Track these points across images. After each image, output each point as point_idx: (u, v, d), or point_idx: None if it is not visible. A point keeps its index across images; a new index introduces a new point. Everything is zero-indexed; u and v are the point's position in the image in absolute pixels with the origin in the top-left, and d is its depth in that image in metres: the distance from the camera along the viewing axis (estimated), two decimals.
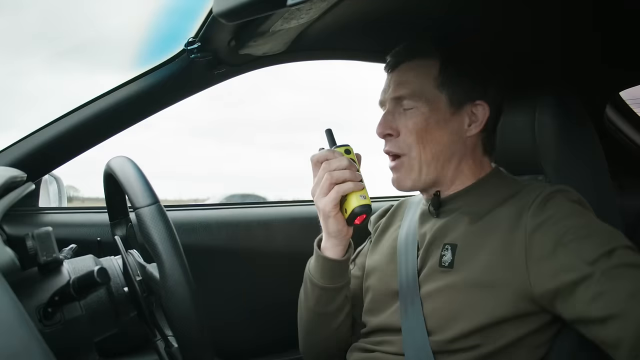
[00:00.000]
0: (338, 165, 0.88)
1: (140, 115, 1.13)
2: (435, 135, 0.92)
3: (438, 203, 0.96)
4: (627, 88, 1.44)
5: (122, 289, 0.81)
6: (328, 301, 0.99)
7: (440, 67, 0.92)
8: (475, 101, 0.93)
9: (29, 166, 1.07)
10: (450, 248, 0.90)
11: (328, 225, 0.92)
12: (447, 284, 0.88)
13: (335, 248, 0.95)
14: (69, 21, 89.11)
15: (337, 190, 0.87)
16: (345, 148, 0.92)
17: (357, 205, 0.87)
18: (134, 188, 0.71)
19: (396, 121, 0.94)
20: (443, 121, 0.92)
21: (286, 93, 72.51)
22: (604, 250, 0.76)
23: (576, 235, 0.79)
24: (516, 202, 0.88)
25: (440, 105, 0.92)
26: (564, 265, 0.78)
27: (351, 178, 0.87)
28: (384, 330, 0.96)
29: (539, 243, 0.81)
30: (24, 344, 0.46)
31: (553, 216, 0.82)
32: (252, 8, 0.63)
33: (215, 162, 39.99)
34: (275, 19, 0.87)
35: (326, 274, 0.97)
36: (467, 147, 0.95)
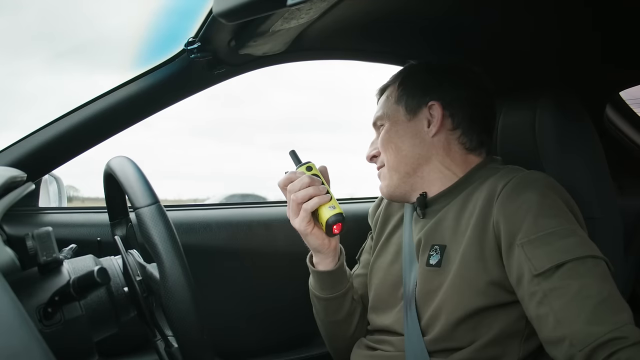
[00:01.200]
0: (301, 185, 0.92)
1: (140, 115, 1.13)
2: (397, 143, 0.99)
3: (424, 204, 0.99)
4: (627, 88, 1.44)
5: (122, 289, 0.81)
6: (337, 309, 1.04)
7: (398, 85, 1.02)
8: (428, 103, 0.98)
9: (29, 166, 1.07)
10: (438, 248, 0.92)
11: (309, 242, 0.97)
12: (438, 285, 0.90)
13: (324, 261, 1.00)
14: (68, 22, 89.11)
15: (305, 208, 0.92)
16: (307, 165, 0.97)
17: (329, 216, 0.91)
18: (134, 188, 0.71)
19: (375, 143, 1.05)
20: (402, 129, 0.99)
21: (285, 93, 72.67)
22: (554, 264, 0.76)
23: (533, 239, 0.79)
24: (489, 185, 0.89)
25: (399, 116, 1.00)
26: (517, 269, 0.80)
27: (315, 193, 0.92)
28: (387, 331, 0.99)
29: (503, 233, 0.82)
30: (24, 344, 0.46)
31: (517, 209, 0.82)
32: (252, 8, 0.63)
33: (215, 162, 40.06)
34: (275, 19, 0.87)
35: (325, 286, 1.02)
36: (435, 147, 0.98)
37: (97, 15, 46.07)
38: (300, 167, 0.97)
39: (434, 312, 0.89)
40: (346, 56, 1.29)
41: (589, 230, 0.86)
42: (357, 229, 1.28)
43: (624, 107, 1.54)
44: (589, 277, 0.75)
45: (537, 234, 0.79)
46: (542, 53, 1.21)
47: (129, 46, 1.81)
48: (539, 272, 0.76)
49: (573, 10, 1.02)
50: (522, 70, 1.26)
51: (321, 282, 1.02)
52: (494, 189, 0.87)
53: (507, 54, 1.19)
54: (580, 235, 0.80)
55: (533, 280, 0.76)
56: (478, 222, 0.86)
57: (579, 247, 0.77)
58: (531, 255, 0.78)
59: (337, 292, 1.02)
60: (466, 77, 1.00)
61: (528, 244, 0.79)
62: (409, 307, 0.93)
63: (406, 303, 0.94)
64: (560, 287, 0.74)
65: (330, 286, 1.01)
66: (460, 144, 0.98)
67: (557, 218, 0.81)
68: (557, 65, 1.26)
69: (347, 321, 1.05)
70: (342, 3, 0.89)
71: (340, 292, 1.02)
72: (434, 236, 0.94)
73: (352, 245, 1.16)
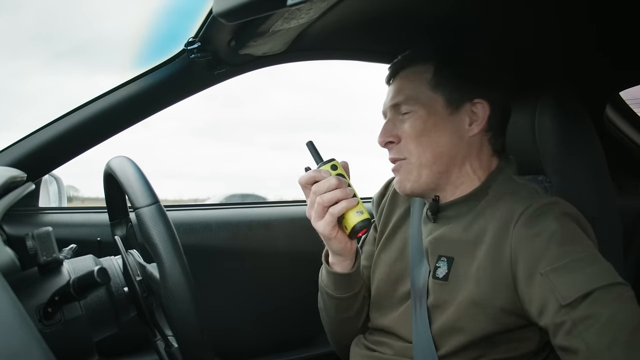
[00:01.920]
0: (328, 187, 0.85)
1: (140, 115, 1.13)
2: (434, 137, 0.90)
3: (436, 208, 0.94)
4: (627, 88, 1.44)
5: (122, 289, 0.81)
6: (348, 307, 1.00)
7: (434, 70, 0.92)
8: (473, 100, 0.92)
9: (29, 166, 1.07)
10: (446, 260, 0.89)
11: (331, 245, 0.92)
12: (445, 298, 0.88)
13: (343, 263, 0.95)
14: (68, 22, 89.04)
15: (332, 212, 0.86)
16: (332, 164, 0.89)
17: (357, 222, 0.86)
18: (134, 188, 0.71)
19: (396, 128, 0.93)
20: (441, 122, 0.91)
21: (284, 93, 72.58)
22: (581, 294, 0.73)
23: (555, 267, 0.76)
24: (505, 208, 0.86)
25: (437, 106, 0.91)
26: (540, 299, 0.76)
27: (343, 197, 0.85)
28: (389, 332, 0.97)
29: (522, 262, 0.80)
30: (24, 344, 0.46)
31: (537, 237, 0.80)
32: (252, 8, 0.63)
33: (215, 162, 40.00)
34: (275, 19, 0.86)
35: (339, 286, 0.97)
36: (471, 148, 0.93)
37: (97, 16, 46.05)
38: (323, 165, 0.89)
39: (445, 327, 0.86)
40: (346, 56, 1.29)
41: None
42: None
43: (624, 107, 1.54)
44: (618, 305, 0.72)
45: (561, 262, 0.76)
46: (542, 53, 1.21)
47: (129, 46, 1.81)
48: (566, 303, 0.73)
49: (574, 10, 1.02)
50: (522, 70, 1.26)
51: (336, 283, 0.97)
52: (511, 212, 0.84)
53: (507, 53, 1.19)
54: (603, 263, 0.77)
55: (560, 310, 0.73)
56: (493, 245, 0.83)
57: (605, 275, 0.75)
58: (557, 284, 0.74)
59: (351, 291, 0.98)
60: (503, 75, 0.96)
61: (552, 272, 0.76)
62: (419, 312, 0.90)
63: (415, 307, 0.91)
64: (590, 316, 0.71)
65: (345, 286, 0.97)
66: (490, 145, 0.94)
67: (580, 246, 0.79)
68: (557, 65, 1.26)
69: (357, 317, 1.02)
70: (342, 3, 0.89)
71: (354, 291, 0.98)
72: (441, 246, 0.91)
73: None
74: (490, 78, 0.94)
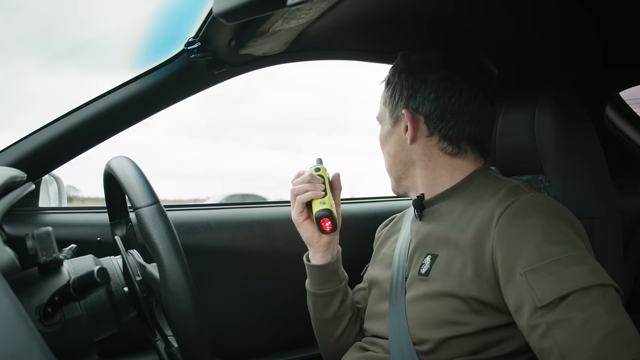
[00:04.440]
0: (301, 180, 1.02)
1: (141, 115, 1.13)
2: (386, 147, 1.03)
3: (421, 206, 0.97)
4: (627, 88, 1.44)
5: (122, 289, 0.81)
6: (324, 307, 1.07)
7: (385, 86, 1.03)
8: (401, 111, 0.97)
9: (29, 166, 1.07)
10: (430, 257, 0.90)
11: (301, 233, 1.05)
12: (424, 293, 0.88)
13: (315, 255, 1.05)
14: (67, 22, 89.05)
15: (298, 199, 1.01)
16: (316, 167, 1.05)
17: (317, 210, 0.98)
18: (134, 188, 0.71)
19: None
20: (389, 134, 1.01)
21: (282, 93, 72.52)
22: (558, 295, 0.72)
23: (536, 267, 0.75)
24: (487, 205, 0.85)
25: (386, 119, 1.02)
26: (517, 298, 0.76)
27: (310, 188, 1.00)
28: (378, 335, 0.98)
29: (501, 262, 0.79)
30: (24, 344, 0.46)
31: (519, 235, 0.79)
32: (252, 8, 0.63)
33: (213, 162, 40.01)
34: (275, 19, 0.86)
35: (314, 281, 1.07)
36: (418, 155, 0.97)
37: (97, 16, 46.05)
38: (311, 168, 1.05)
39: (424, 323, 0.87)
40: (346, 56, 1.29)
41: (589, 230, 0.85)
42: (356, 228, 1.28)
43: (624, 107, 1.54)
44: (595, 308, 0.70)
45: (541, 262, 0.75)
46: (542, 53, 1.21)
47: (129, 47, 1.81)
48: (542, 304, 0.72)
49: (573, 10, 1.02)
50: (522, 70, 1.26)
51: (311, 276, 1.07)
52: (492, 210, 0.83)
53: (507, 53, 1.19)
54: (587, 263, 0.75)
55: (536, 312, 0.73)
56: (476, 243, 0.82)
57: (585, 276, 0.73)
58: (535, 286, 0.74)
59: (325, 289, 1.05)
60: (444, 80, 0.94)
61: (531, 273, 0.75)
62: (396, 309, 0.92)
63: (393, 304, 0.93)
64: (565, 319, 0.71)
65: (318, 282, 1.06)
66: (440, 149, 0.95)
67: (562, 245, 0.77)
68: (557, 65, 1.26)
69: (334, 322, 1.07)
70: (342, 3, 0.89)
71: (328, 290, 1.05)
72: (427, 243, 0.92)
73: (352, 244, 1.16)
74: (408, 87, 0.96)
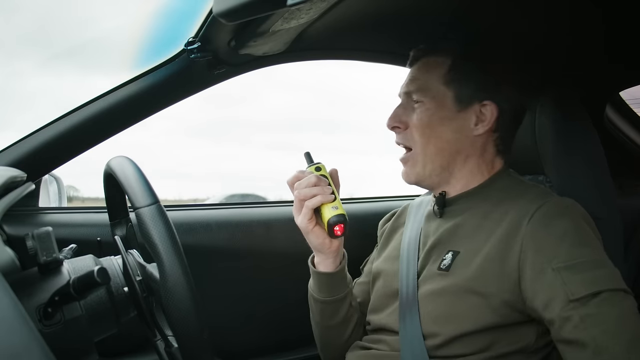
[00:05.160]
0: (307, 184, 0.91)
1: (140, 115, 1.13)
2: (438, 131, 0.93)
3: (443, 203, 0.96)
4: (627, 88, 1.44)
5: (122, 289, 0.81)
6: (332, 313, 1.01)
7: (450, 66, 0.94)
8: (483, 101, 0.93)
9: (29, 166, 1.07)
10: (452, 253, 0.90)
11: (310, 240, 0.96)
12: (442, 287, 0.88)
13: (325, 262, 0.98)
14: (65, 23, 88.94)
15: (307, 205, 0.91)
16: (316, 166, 0.95)
17: (331, 215, 0.90)
18: (134, 188, 0.71)
19: (405, 115, 0.96)
20: (447, 118, 0.93)
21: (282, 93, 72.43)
22: (590, 292, 0.75)
23: (569, 265, 0.78)
24: (519, 205, 0.87)
25: (446, 101, 0.93)
26: (548, 292, 0.78)
27: (319, 192, 0.90)
28: (382, 329, 0.97)
29: (532, 256, 0.81)
30: (24, 344, 0.46)
31: (551, 234, 0.81)
32: (252, 8, 0.63)
33: (213, 162, 39.96)
34: (275, 19, 0.86)
35: (323, 288, 1.00)
36: (474, 146, 0.94)
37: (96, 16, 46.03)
38: (310, 167, 0.96)
39: (439, 317, 0.87)
40: (346, 56, 1.29)
41: None
42: (357, 229, 1.27)
43: (624, 107, 1.54)
44: (624, 309, 0.76)
45: (575, 260, 0.78)
46: (542, 53, 1.21)
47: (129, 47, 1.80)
48: (575, 298, 0.75)
49: (573, 10, 1.02)
50: (522, 70, 1.26)
51: (320, 283, 1.00)
52: (525, 210, 0.85)
53: (507, 53, 1.19)
54: (612, 268, 0.80)
55: (569, 304, 0.75)
56: (503, 240, 0.84)
57: (614, 279, 0.78)
58: (568, 281, 0.77)
59: (334, 295, 1.00)
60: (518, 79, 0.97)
61: (565, 270, 0.78)
62: (408, 305, 0.91)
63: (404, 300, 0.93)
64: (599, 314, 0.74)
65: (328, 289, 1.00)
66: (495, 145, 0.96)
67: (591, 247, 0.81)
68: (558, 65, 1.26)
69: (341, 327, 1.03)
70: (342, 3, 0.89)
71: (338, 296, 1.00)
72: (450, 240, 0.92)
73: (353, 246, 1.15)
74: (502, 81, 0.94)
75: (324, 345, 1.08)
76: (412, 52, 1.00)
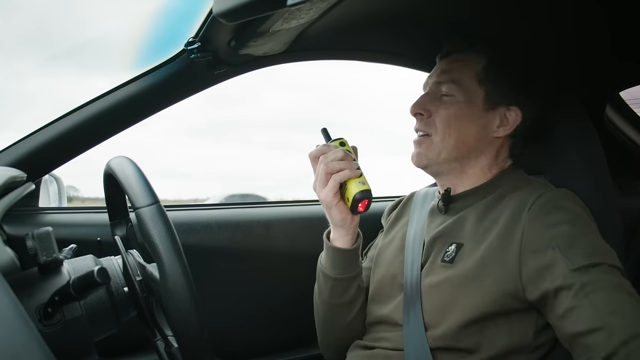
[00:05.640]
0: (334, 157, 0.90)
1: (140, 115, 1.13)
2: (461, 126, 0.95)
3: (448, 199, 0.98)
4: (627, 87, 1.44)
5: (122, 289, 0.81)
6: (342, 292, 1.00)
7: (485, 65, 0.96)
8: (509, 105, 0.95)
9: (29, 166, 1.07)
10: (455, 245, 0.92)
11: (332, 215, 0.94)
12: (445, 279, 0.90)
13: (343, 238, 0.96)
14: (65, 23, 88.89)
15: (334, 178, 0.89)
16: (340, 141, 0.95)
17: (358, 191, 0.89)
18: (134, 188, 0.71)
19: (431, 103, 0.97)
20: (474, 115, 0.95)
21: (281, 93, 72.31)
22: (590, 262, 0.77)
23: (569, 242, 0.80)
24: (519, 197, 0.89)
25: (476, 99, 0.95)
26: (549, 266, 0.79)
27: (347, 166, 0.89)
28: (386, 322, 0.97)
29: (533, 240, 0.82)
30: (24, 344, 0.46)
31: (553, 220, 0.83)
32: (252, 8, 0.63)
33: (213, 162, 39.93)
34: (275, 19, 0.87)
35: (337, 264, 0.98)
36: (491, 147, 0.97)
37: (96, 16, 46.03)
38: (333, 141, 0.95)
39: (440, 308, 0.88)
40: (346, 56, 1.29)
41: None
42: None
43: (624, 107, 1.54)
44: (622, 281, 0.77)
45: (574, 240, 0.80)
46: (542, 52, 1.21)
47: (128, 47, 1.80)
48: (575, 267, 0.77)
49: (573, 9, 1.02)
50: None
51: (334, 259, 0.97)
52: (525, 200, 0.88)
53: (507, 53, 1.19)
54: (610, 248, 0.82)
55: (569, 273, 0.77)
56: (504, 231, 0.86)
57: (612, 257, 0.80)
58: (567, 254, 0.78)
59: (348, 273, 0.98)
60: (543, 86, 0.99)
61: (564, 245, 0.80)
62: (412, 300, 0.92)
63: (408, 295, 0.93)
64: (599, 280, 0.75)
65: (342, 265, 0.98)
66: (509, 148, 0.99)
67: (591, 232, 0.84)
68: (558, 65, 1.26)
69: (349, 307, 1.01)
70: (342, 3, 0.89)
71: (351, 274, 0.99)
72: (453, 234, 0.94)
73: None
74: (531, 89, 0.97)
75: (326, 327, 1.06)
76: (445, 46, 1.01)
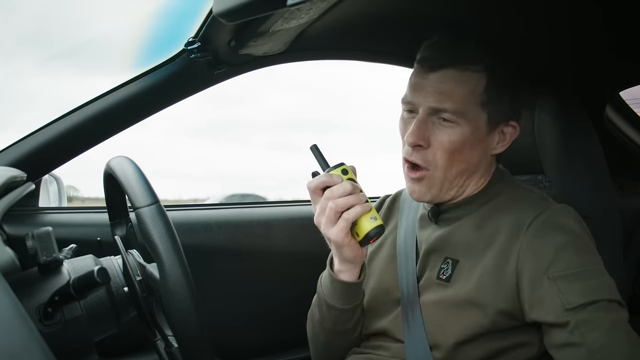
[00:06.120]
0: (342, 192, 0.80)
1: (140, 115, 1.13)
2: (465, 154, 0.87)
3: (438, 211, 0.94)
4: (627, 87, 1.44)
5: (122, 289, 0.81)
6: (346, 319, 0.95)
7: (486, 83, 0.87)
8: (509, 121, 0.90)
9: (29, 166, 1.07)
10: (451, 263, 0.89)
11: (343, 253, 0.85)
12: (443, 298, 0.88)
13: (351, 272, 0.89)
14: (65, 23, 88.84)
15: (346, 218, 0.80)
16: (342, 168, 0.84)
17: (371, 228, 0.81)
18: (134, 188, 0.71)
19: (430, 132, 0.87)
20: (478, 141, 0.88)
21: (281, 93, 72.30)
22: (587, 300, 0.75)
23: (567, 274, 0.78)
24: (516, 214, 0.86)
25: (480, 124, 0.87)
26: (544, 300, 0.78)
27: (357, 202, 0.80)
28: (384, 335, 0.96)
29: (529, 265, 0.81)
30: (24, 344, 0.46)
31: (548, 244, 0.81)
32: (252, 8, 0.63)
33: (212, 162, 39.91)
34: (275, 19, 0.86)
35: (343, 297, 0.91)
36: (487, 164, 0.93)
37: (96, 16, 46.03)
38: (333, 170, 0.84)
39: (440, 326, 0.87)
40: (346, 56, 1.29)
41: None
42: None
43: (624, 107, 1.54)
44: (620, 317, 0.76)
45: (571, 270, 0.78)
46: (542, 52, 1.21)
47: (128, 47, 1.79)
48: (572, 307, 0.75)
49: (573, 9, 1.02)
50: (522, 70, 1.26)
51: (340, 292, 0.90)
52: (521, 218, 0.84)
53: (507, 53, 1.19)
54: (608, 279, 0.80)
55: (565, 312, 0.76)
56: (500, 251, 0.84)
57: (610, 290, 0.78)
58: (564, 290, 0.77)
59: (353, 303, 0.92)
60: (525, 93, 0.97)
61: (561, 279, 0.77)
62: (411, 312, 0.91)
63: (406, 307, 0.92)
64: (594, 319, 0.74)
65: (348, 297, 0.91)
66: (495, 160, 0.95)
67: (589, 257, 0.81)
68: (557, 65, 1.26)
69: (353, 330, 0.97)
70: (342, 3, 0.89)
71: (357, 303, 0.93)
72: (446, 247, 0.90)
73: None
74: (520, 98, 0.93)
75: (326, 351, 1.02)
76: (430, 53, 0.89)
